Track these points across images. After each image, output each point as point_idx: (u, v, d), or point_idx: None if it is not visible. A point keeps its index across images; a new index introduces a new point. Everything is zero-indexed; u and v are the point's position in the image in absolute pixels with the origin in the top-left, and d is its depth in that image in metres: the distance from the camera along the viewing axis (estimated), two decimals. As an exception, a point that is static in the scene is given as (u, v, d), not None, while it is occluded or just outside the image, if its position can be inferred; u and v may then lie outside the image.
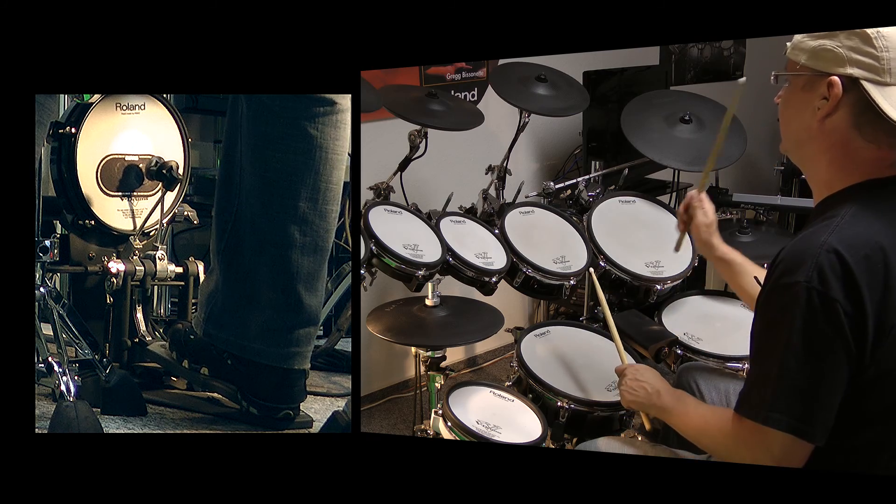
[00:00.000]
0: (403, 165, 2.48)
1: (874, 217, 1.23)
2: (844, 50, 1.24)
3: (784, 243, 1.30)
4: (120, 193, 2.22)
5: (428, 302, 2.12)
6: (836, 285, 1.18)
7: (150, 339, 2.19)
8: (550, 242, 2.31)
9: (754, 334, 1.31)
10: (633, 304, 2.20)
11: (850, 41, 1.24)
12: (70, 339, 2.09)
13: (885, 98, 1.22)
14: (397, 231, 2.15)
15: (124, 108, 2.21)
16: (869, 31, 1.23)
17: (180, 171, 2.23)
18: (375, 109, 2.39)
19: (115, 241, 2.23)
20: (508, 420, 1.88)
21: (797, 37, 1.32)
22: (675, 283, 2.18)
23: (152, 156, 2.23)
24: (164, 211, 2.24)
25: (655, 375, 1.64)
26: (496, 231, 2.29)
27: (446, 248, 2.16)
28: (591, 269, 2.11)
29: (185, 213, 2.29)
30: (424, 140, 2.47)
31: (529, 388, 1.96)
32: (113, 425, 1.98)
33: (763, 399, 1.25)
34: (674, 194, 3.00)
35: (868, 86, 1.23)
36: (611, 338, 1.93)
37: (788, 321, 1.21)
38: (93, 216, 2.18)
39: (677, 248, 1.87)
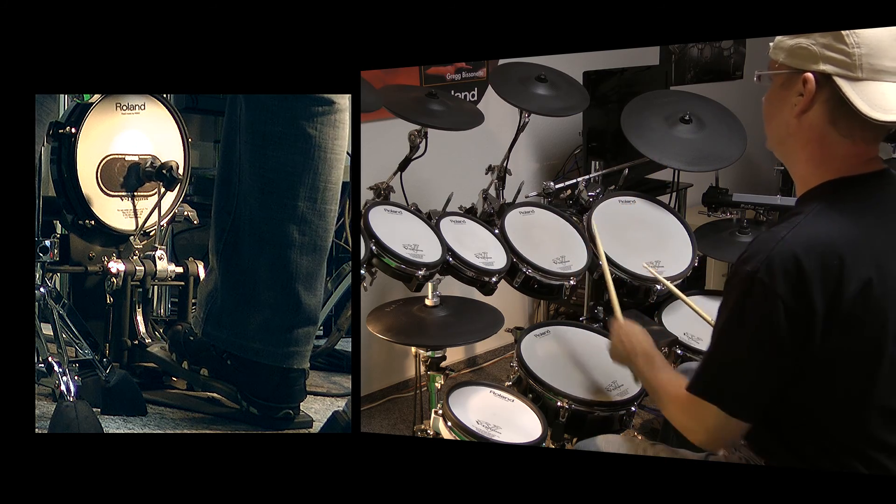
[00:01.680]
0: (403, 165, 2.48)
1: (838, 215, 1.28)
2: (818, 47, 1.27)
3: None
4: (120, 193, 2.22)
5: (428, 302, 2.12)
6: (781, 280, 1.23)
7: (150, 340, 2.19)
8: (550, 242, 2.30)
9: None
10: (633, 304, 2.20)
11: (824, 38, 1.27)
12: (70, 339, 2.09)
13: (857, 93, 1.25)
14: (397, 231, 2.15)
15: (124, 108, 2.21)
16: None
17: (180, 171, 2.23)
18: (375, 109, 2.39)
19: (116, 241, 2.23)
20: (508, 420, 1.88)
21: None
22: (675, 283, 2.17)
23: (149, 156, 2.23)
24: (164, 211, 2.24)
25: (637, 336, 1.69)
26: (496, 231, 2.29)
27: (446, 248, 2.16)
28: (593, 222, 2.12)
29: (185, 213, 2.29)
30: (424, 140, 2.47)
31: (529, 388, 1.96)
32: (113, 425, 1.98)
33: (701, 374, 1.36)
34: (674, 194, 3.00)
35: (840, 81, 1.25)
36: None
37: (731, 305, 1.31)
38: (93, 216, 2.18)
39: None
